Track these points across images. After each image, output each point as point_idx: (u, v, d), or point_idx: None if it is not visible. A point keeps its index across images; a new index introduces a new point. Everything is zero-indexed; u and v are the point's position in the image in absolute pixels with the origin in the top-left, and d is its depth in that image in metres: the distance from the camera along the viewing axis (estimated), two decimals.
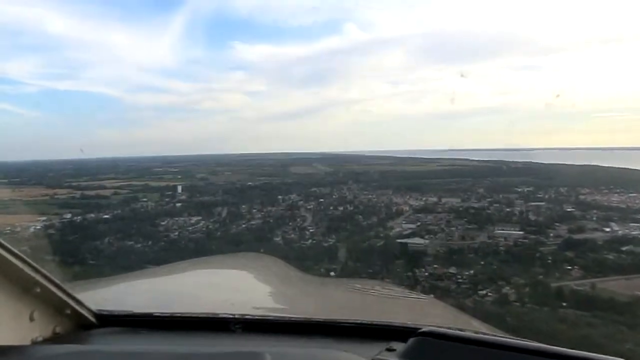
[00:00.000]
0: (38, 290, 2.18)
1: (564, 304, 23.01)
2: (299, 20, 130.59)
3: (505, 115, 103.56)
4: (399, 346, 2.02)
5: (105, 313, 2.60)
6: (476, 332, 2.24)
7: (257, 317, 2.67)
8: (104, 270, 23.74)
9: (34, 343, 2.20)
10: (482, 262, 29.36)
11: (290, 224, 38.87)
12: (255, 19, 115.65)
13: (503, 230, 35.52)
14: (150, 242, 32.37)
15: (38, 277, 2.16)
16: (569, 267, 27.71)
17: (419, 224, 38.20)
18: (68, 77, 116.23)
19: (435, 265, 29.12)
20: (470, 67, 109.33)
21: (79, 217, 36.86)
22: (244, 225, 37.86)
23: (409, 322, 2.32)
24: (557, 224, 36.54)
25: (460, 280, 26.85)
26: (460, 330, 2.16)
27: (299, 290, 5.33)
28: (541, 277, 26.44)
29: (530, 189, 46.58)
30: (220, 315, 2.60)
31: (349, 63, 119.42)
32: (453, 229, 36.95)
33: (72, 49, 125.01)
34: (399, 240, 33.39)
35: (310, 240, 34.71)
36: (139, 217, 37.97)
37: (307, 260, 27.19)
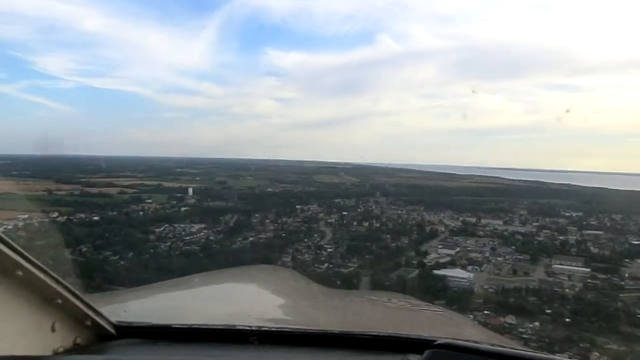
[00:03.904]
0: (59, 301, 2.03)
1: None
2: (332, 29, 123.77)
3: (537, 135, 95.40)
4: (415, 358, 1.87)
5: (124, 324, 2.35)
6: (492, 345, 1.96)
7: (274, 329, 2.38)
8: None
9: (56, 353, 2.05)
10: (549, 311, 20.78)
11: (306, 240, 30.58)
12: (289, 26, 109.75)
13: (563, 264, 26.93)
14: (131, 254, 24.51)
15: (59, 289, 1.99)
16: None
17: (458, 249, 29.77)
18: (102, 75, 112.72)
19: (486, 311, 20.64)
20: (503, 84, 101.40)
21: (64, 217, 29.23)
22: (251, 239, 29.73)
23: (424, 334, 2.08)
24: (627, 260, 28.00)
25: (525, 336, 18.16)
26: (476, 342, 1.95)
27: (316, 302, 4.31)
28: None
29: (580, 214, 38.97)
30: (238, 327, 2.33)
31: (381, 74, 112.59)
32: (500, 259, 28.45)
33: (108, 47, 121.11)
34: (436, 272, 24.75)
35: (326, 264, 26.29)
36: (132, 221, 30.37)
37: None
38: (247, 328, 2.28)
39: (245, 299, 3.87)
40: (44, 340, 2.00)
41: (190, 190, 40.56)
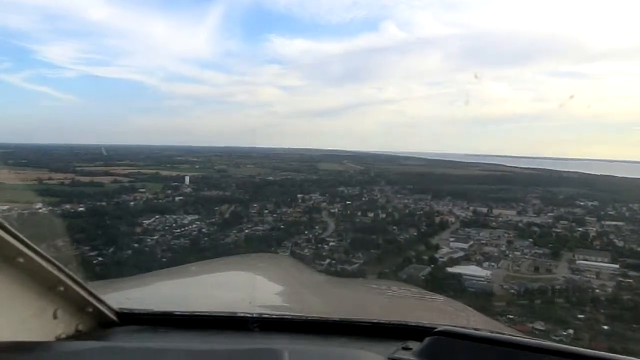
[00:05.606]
0: (62, 288, 1.95)
1: None
2: (337, 17, 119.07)
3: (543, 123, 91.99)
4: (415, 345, 1.80)
5: (126, 311, 2.28)
6: (491, 332, 1.99)
7: (274, 316, 2.38)
8: None
9: (58, 340, 1.97)
10: (581, 316, 17.53)
11: (306, 232, 27.47)
12: (293, 13, 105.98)
13: (588, 260, 23.76)
14: (111, 249, 21.38)
15: (61, 276, 1.91)
16: None
17: (471, 243, 26.65)
18: (106, 64, 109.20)
19: (510, 316, 17.42)
20: (509, 72, 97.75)
21: (47, 208, 25.97)
22: (246, 231, 26.66)
23: (424, 321, 2.08)
24: None
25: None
26: (476, 329, 1.96)
27: (316, 290, 4.35)
28: None
29: (595, 203, 35.92)
30: (239, 314, 2.27)
31: (385, 62, 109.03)
32: (518, 253, 25.27)
33: (111, 36, 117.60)
34: (450, 269, 21.59)
35: (328, 260, 23.13)
36: (118, 212, 27.27)
37: None
38: (248, 315, 2.22)
39: (246, 287, 3.79)
40: (45, 327, 1.92)
41: (187, 179, 37.53)
